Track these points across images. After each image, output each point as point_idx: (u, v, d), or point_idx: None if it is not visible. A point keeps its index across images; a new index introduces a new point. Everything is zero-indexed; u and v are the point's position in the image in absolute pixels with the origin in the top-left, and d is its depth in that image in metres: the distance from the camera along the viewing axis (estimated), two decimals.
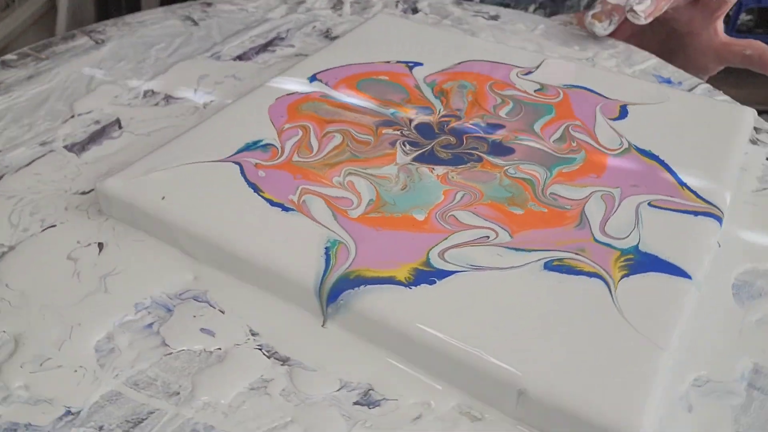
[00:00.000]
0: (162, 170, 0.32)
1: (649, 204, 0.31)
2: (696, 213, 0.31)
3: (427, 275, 0.27)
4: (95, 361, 0.27)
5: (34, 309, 0.28)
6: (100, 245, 0.32)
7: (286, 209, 0.30)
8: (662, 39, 0.53)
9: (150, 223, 0.31)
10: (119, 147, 0.38)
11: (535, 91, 0.40)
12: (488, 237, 0.29)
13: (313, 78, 0.40)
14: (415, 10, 0.56)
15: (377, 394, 0.26)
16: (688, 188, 0.33)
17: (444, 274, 0.27)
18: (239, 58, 0.48)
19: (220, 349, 0.27)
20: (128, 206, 0.32)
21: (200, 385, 0.26)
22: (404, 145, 0.35)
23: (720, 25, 0.50)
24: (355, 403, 0.25)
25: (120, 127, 0.40)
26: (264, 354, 0.27)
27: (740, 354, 0.28)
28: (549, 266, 0.28)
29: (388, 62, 0.42)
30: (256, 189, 0.31)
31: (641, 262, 0.28)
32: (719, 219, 0.31)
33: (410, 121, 0.37)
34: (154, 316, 0.28)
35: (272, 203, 0.31)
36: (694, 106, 0.40)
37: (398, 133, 0.36)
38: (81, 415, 0.25)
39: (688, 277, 0.28)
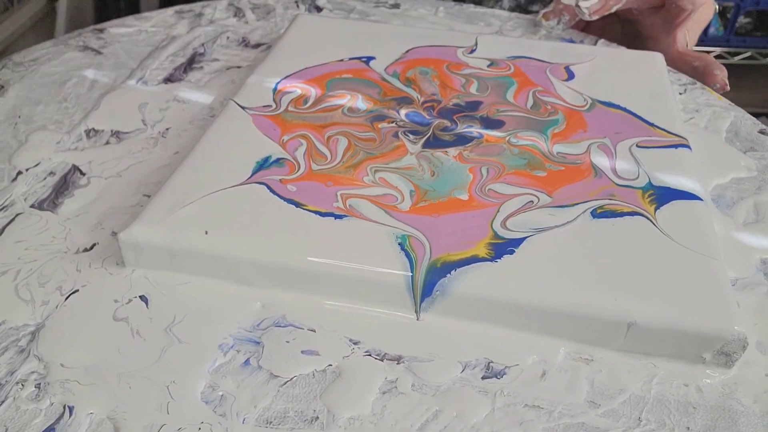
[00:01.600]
0: (186, 206, 0.31)
1: (637, 146, 0.36)
2: (675, 146, 0.36)
3: (504, 247, 0.29)
4: (213, 412, 0.25)
5: (112, 381, 0.26)
6: (144, 298, 0.29)
7: (338, 217, 0.30)
8: (629, 39, 0.56)
9: (195, 261, 0.29)
10: (95, 194, 0.35)
11: (488, 66, 0.43)
12: (532, 201, 0.32)
13: (275, 87, 0.40)
14: (318, 8, 0.56)
15: (498, 364, 0.27)
16: (658, 127, 0.37)
17: (517, 242, 0.29)
18: (168, 80, 0.45)
19: (331, 365, 0.27)
20: (164, 250, 0.29)
21: (335, 404, 0.25)
22: (407, 135, 0.36)
23: (680, 35, 0.52)
24: (484, 378, 0.27)
25: (82, 173, 0.37)
26: (375, 358, 0.27)
27: (747, 252, 0.33)
28: (595, 214, 0.31)
29: (342, 60, 0.43)
30: (297, 204, 0.31)
31: (661, 194, 0.32)
32: (689, 147, 0.36)
33: (398, 112, 0.38)
34: (246, 352, 0.27)
35: (321, 214, 0.30)
36: (616, 58, 0.45)
37: (394, 125, 0.37)
38: None
39: (700, 199, 0.32)
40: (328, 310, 0.29)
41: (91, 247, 0.32)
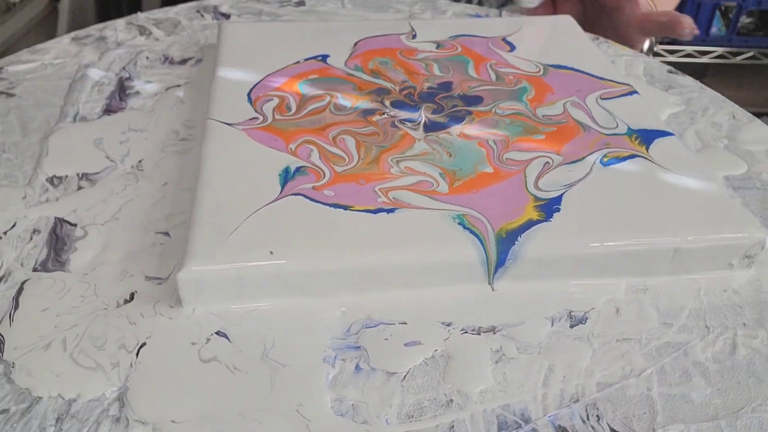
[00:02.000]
0: (233, 233, 0.29)
1: (600, 98, 0.40)
2: (629, 93, 0.41)
3: (549, 206, 0.31)
4: (354, 422, 0.25)
5: (238, 421, 0.25)
6: (221, 334, 0.28)
7: (389, 211, 0.31)
8: (595, 16, 0.57)
9: (264, 284, 0.29)
10: (101, 243, 0.32)
11: (436, 48, 0.45)
12: (548, 162, 0.34)
13: (249, 99, 0.39)
14: (225, 15, 0.54)
15: (578, 311, 0.30)
16: (608, 80, 0.42)
17: (557, 200, 0.32)
18: (109, 111, 0.42)
19: (437, 350, 0.28)
20: (229, 280, 0.28)
21: (461, 384, 0.26)
22: (404, 124, 0.37)
23: None
24: (572, 327, 0.29)
25: (71, 224, 0.33)
26: (472, 334, 0.29)
27: (712, 170, 0.38)
28: (604, 163, 0.34)
29: (298, 62, 0.42)
30: (345, 207, 0.31)
31: (644, 136, 0.37)
32: (638, 92, 0.41)
33: (383, 103, 0.39)
34: (351, 359, 0.27)
35: (372, 212, 0.31)
36: (536, 25, 0.49)
37: (386, 116, 0.38)
38: None
39: (671, 134, 0.37)
40: (409, 300, 0.30)
41: (131, 297, 0.30)
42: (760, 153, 0.40)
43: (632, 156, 0.35)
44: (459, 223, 0.30)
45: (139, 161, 0.38)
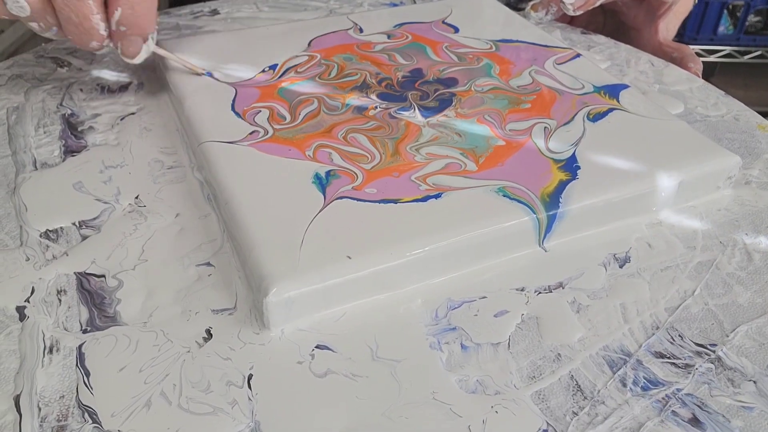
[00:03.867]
0: (301, 248, 0.29)
1: (556, 64, 0.44)
2: (577, 56, 0.45)
3: (569, 165, 0.34)
4: (488, 395, 0.26)
5: (385, 425, 0.25)
6: (322, 347, 0.28)
7: (436, 196, 0.32)
8: (612, 30, 0.58)
9: (348, 290, 0.29)
10: (144, 289, 0.30)
11: (388, 38, 0.46)
12: (547, 127, 0.37)
13: (236, 113, 0.38)
14: None
15: (620, 253, 0.33)
16: (552, 46, 0.46)
17: (572, 159, 0.35)
18: (71, 152, 0.38)
19: (523, 314, 0.30)
20: (318, 292, 0.28)
21: (559, 337, 0.29)
22: (400, 114, 0.38)
23: (661, 26, 0.54)
24: (621, 267, 0.32)
25: (98, 276, 0.31)
26: (545, 293, 0.31)
27: (670, 108, 0.44)
28: (591, 119, 0.38)
29: (264, 71, 0.42)
30: (394, 201, 0.32)
31: (609, 91, 0.41)
32: (582, 54, 0.45)
33: (369, 96, 0.39)
34: (453, 340, 0.28)
35: (420, 200, 0.32)
36: (461, 6, 0.52)
37: (379, 109, 0.38)
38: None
39: (629, 86, 0.42)
40: (477, 275, 0.31)
41: (210, 335, 0.28)
42: (686, 91, 0.46)
43: (611, 110, 0.39)
44: (503, 195, 0.32)
45: (136, 197, 0.35)
